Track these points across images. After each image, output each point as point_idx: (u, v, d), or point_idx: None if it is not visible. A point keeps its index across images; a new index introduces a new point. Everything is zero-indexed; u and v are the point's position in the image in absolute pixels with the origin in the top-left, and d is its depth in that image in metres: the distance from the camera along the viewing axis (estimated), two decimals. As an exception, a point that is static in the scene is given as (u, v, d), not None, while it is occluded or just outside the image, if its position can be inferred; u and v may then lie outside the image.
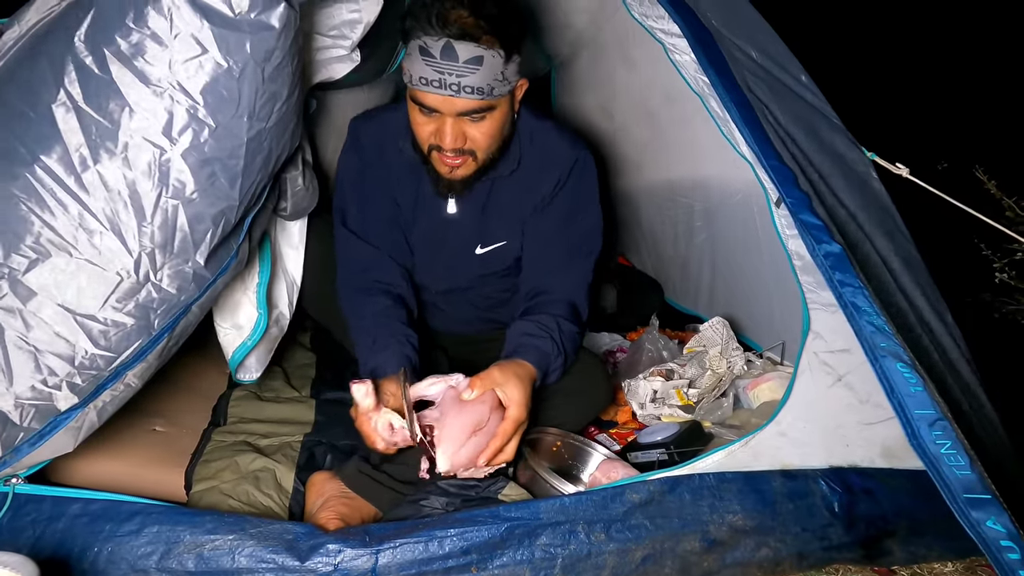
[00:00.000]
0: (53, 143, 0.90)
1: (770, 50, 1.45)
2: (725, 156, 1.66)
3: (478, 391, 1.13)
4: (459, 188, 1.35)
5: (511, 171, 1.38)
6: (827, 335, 1.20)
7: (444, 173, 1.31)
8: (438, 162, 1.29)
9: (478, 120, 1.23)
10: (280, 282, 1.46)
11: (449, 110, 1.20)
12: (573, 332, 1.33)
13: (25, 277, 0.92)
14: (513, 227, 1.44)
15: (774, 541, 1.10)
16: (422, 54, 1.16)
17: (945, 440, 0.98)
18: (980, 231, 1.59)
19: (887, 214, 1.43)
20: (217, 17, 0.90)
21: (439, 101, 1.19)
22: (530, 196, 1.41)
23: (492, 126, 1.25)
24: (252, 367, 1.49)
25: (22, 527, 0.99)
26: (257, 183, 1.05)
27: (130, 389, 1.07)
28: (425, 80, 1.17)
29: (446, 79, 1.16)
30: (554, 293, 1.36)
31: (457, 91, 1.17)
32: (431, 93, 1.19)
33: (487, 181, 1.38)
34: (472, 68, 1.16)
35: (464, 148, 1.26)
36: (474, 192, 1.39)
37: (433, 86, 1.17)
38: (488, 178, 1.37)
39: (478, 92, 1.18)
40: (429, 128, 1.25)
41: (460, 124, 1.23)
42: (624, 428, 1.59)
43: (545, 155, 1.39)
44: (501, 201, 1.42)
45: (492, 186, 1.40)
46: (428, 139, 1.26)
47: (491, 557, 1.02)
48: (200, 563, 0.98)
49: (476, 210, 1.42)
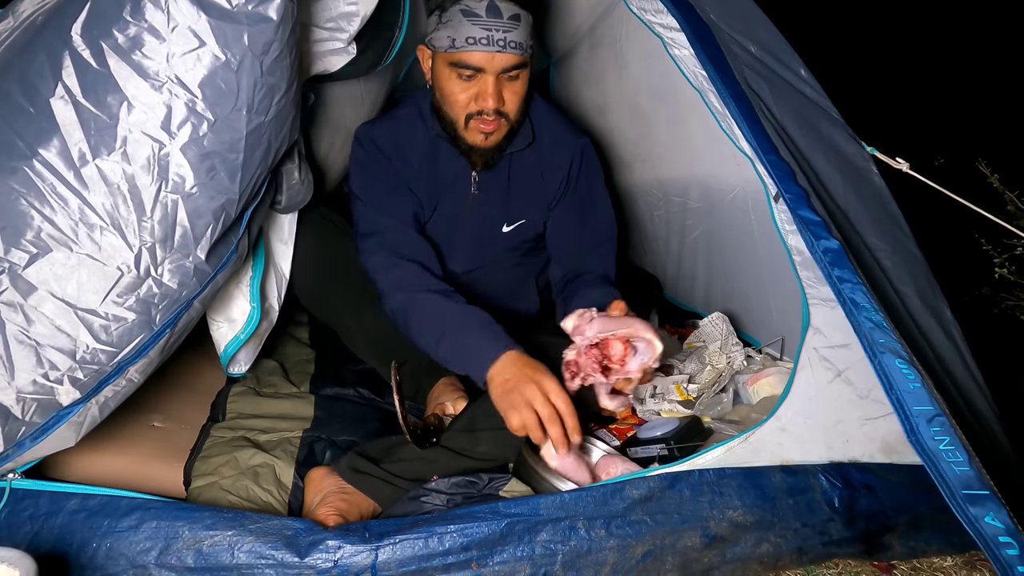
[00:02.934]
0: (52, 137, 0.90)
1: (769, 45, 1.44)
2: (717, 155, 1.67)
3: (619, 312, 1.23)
4: (491, 156, 1.41)
5: (527, 144, 1.45)
6: (827, 330, 1.20)
7: (479, 142, 1.37)
8: (474, 130, 1.35)
9: (513, 80, 1.31)
10: (270, 276, 1.46)
11: (493, 67, 1.28)
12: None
13: (26, 272, 0.92)
14: (535, 205, 1.51)
15: (774, 536, 1.10)
16: (466, 16, 1.25)
17: (943, 436, 0.98)
18: (980, 226, 1.59)
19: (886, 209, 1.43)
20: (214, 9, 0.90)
21: (485, 59, 1.27)
22: (549, 174, 1.48)
23: (522, 87, 1.34)
24: (242, 360, 1.51)
25: (19, 522, 0.99)
26: (256, 177, 1.05)
27: (132, 384, 1.07)
28: (473, 39, 1.25)
29: (493, 35, 1.25)
30: (591, 273, 1.45)
31: (504, 47, 1.26)
32: (479, 51, 1.26)
33: (507, 157, 1.44)
34: (514, 24, 1.27)
35: (501, 110, 1.33)
36: (495, 171, 1.45)
37: (481, 44, 1.25)
38: (507, 153, 1.43)
39: (519, 48, 1.28)
40: (468, 94, 1.32)
41: (499, 83, 1.30)
42: (624, 423, 1.58)
43: (555, 134, 1.48)
44: (522, 178, 1.49)
45: (511, 163, 1.46)
46: (467, 106, 1.33)
47: (491, 553, 1.02)
48: (199, 559, 0.98)
49: (500, 189, 1.49)
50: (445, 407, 1.44)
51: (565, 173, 1.49)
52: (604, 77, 2.17)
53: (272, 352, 1.76)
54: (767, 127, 1.27)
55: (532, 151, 1.48)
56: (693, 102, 1.47)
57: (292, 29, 0.97)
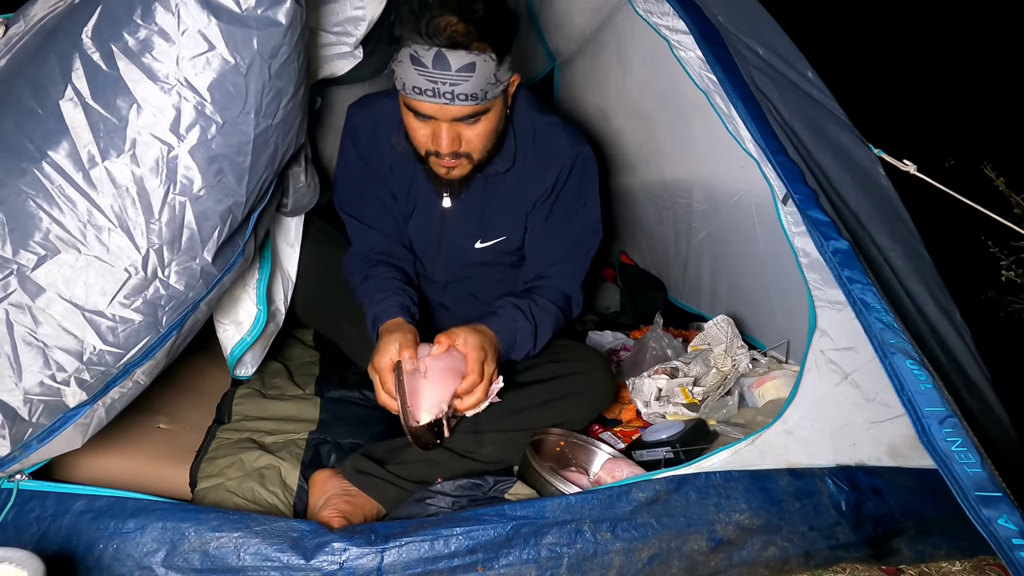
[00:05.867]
0: (61, 139, 0.90)
1: (776, 46, 1.44)
2: (722, 157, 1.66)
3: (440, 347, 1.19)
4: (457, 187, 1.37)
5: (507, 168, 1.38)
6: (833, 333, 1.19)
7: (441, 175, 1.33)
8: (435, 165, 1.30)
9: (473, 123, 1.23)
10: (277, 279, 1.47)
11: (444, 116, 1.21)
12: (552, 309, 1.37)
13: (34, 273, 0.92)
14: (514, 221, 1.46)
15: (781, 540, 1.10)
16: (414, 63, 1.16)
17: (955, 437, 0.97)
18: (988, 228, 1.59)
19: (894, 211, 1.42)
20: (224, 13, 0.90)
21: (433, 109, 1.20)
22: (531, 190, 1.42)
23: (487, 127, 1.26)
24: (249, 363, 1.51)
25: (27, 523, 0.99)
26: (263, 180, 1.05)
27: (138, 386, 1.07)
28: (419, 89, 1.17)
29: (439, 88, 1.16)
30: (547, 282, 1.41)
31: (451, 99, 1.17)
32: (425, 102, 1.19)
33: (482, 178, 1.39)
34: (465, 76, 1.15)
35: (460, 151, 1.26)
36: (470, 189, 1.40)
37: (427, 95, 1.17)
38: (484, 175, 1.38)
39: (472, 98, 1.18)
40: (424, 132, 1.25)
41: (455, 128, 1.23)
42: (628, 426, 1.58)
43: (547, 151, 1.40)
44: (500, 196, 1.43)
45: (487, 183, 1.41)
46: (424, 144, 1.27)
47: (497, 556, 1.02)
48: (206, 560, 0.98)
49: (473, 206, 1.44)
50: (451, 409, 1.44)
51: (550, 184, 1.40)
52: (608, 80, 2.17)
53: (277, 354, 1.76)
54: (775, 128, 1.27)
55: (514, 173, 1.39)
56: (697, 105, 1.47)
57: (300, 33, 0.97)
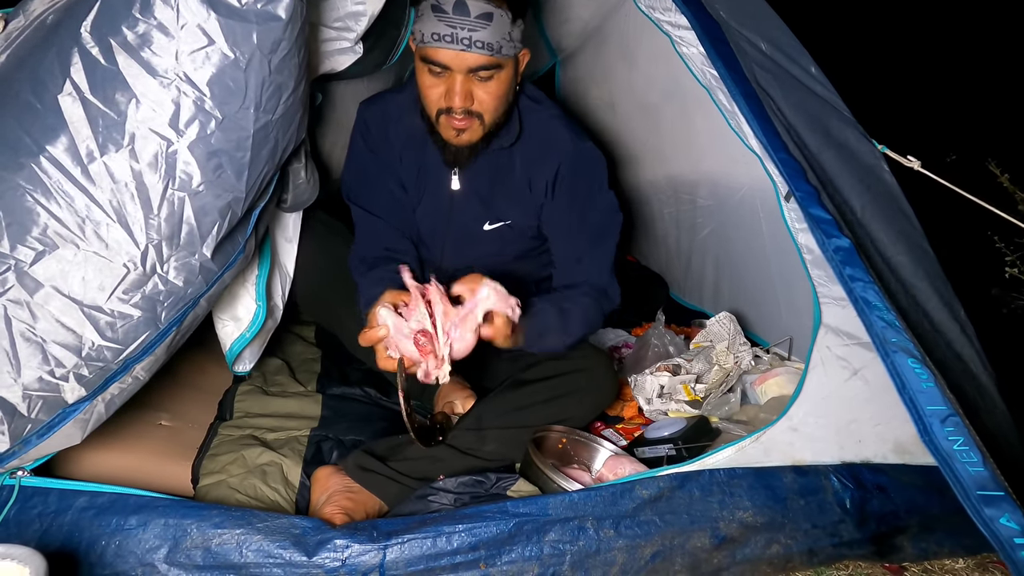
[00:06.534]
0: (59, 134, 0.90)
1: (780, 42, 1.43)
2: (726, 153, 1.65)
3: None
4: (466, 155, 1.37)
5: (511, 143, 1.40)
6: (839, 329, 1.19)
7: (451, 139, 1.34)
8: (446, 127, 1.32)
9: (486, 80, 1.26)
10: (275, 274, 1.47)
11: (460, 66, 1.24)
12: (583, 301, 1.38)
13: (32, 269, 0.92)
14: (520, 207, 1.46)
15: (785, 537, 1.09)
16: (434, 11, 1.21)
17: (957, 436, 0.97)
18: (992, 225, 1.58)
19: (898, 207, 1.41)
20: (224, 8, 0.90)
21: (451, 56, 1.23)
22: (533, 177, 1.43)
23: (498, 88, 1.28)
24: (247, 359, 1.51)
25: (29, 520, 0.99)
26: (263, 175, 1.04)
27: (138, 382, 1.07)
28: (437, 36, 1.21)
29: (458, 33, 1.20)
30: (582, 285, 1.41)
31: (468, 45, 1.21)
32: (443, 48, 1.22)
33: (490, 154, 1.40)
34: (483, 23, 1.20)
35: (472, 109, 1.29)
36: (477, 166, 1.41)
37: (445, 41, 1.21)
38: (491, 149, 1.39)
39: (488, 48, 1.22)
40: (438, 90, 1.28)
41: (469, 83, 1.26)
42: (631, 424, 1.58)
43: (549, 141, 1.42)
44: (505, 178, 1.44)
45: (492, 161, 1.42)
46: (437, 102, 1.29)
47: (500, 553, 1.01)
48: (208, 557, 0.98)
49: (482, 186, 1.45)
50: (453, 406, 1.44)
51: (552, 173, 1.41)
52: (612, 74, 2.16)
53: (278, 351, 1.75)
54: (777, 125, 1.26)
55: (518, 150, 1.42)
56: (701, 100, 1.46)
57: (301, 28, 0.96)
